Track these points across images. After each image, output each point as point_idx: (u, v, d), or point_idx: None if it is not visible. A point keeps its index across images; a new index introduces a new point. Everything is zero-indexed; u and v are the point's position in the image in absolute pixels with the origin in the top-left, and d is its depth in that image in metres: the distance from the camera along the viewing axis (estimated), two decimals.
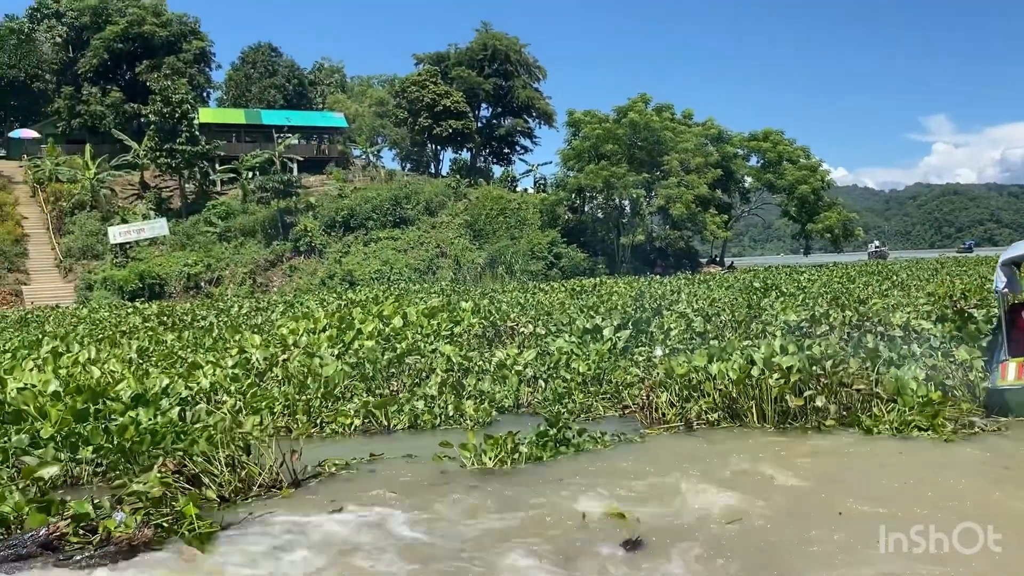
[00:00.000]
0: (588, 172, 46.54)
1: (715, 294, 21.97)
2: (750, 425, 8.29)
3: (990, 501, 5.77)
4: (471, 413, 7.73)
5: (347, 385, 8.74)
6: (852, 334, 11.69)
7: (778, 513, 5.61)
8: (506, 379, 8.96)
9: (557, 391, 8.71)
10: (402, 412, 7.93)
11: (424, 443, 7.36)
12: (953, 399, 8.39)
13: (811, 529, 5.26)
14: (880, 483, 6.27)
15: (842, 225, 51.55)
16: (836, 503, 5.74)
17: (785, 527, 5.35)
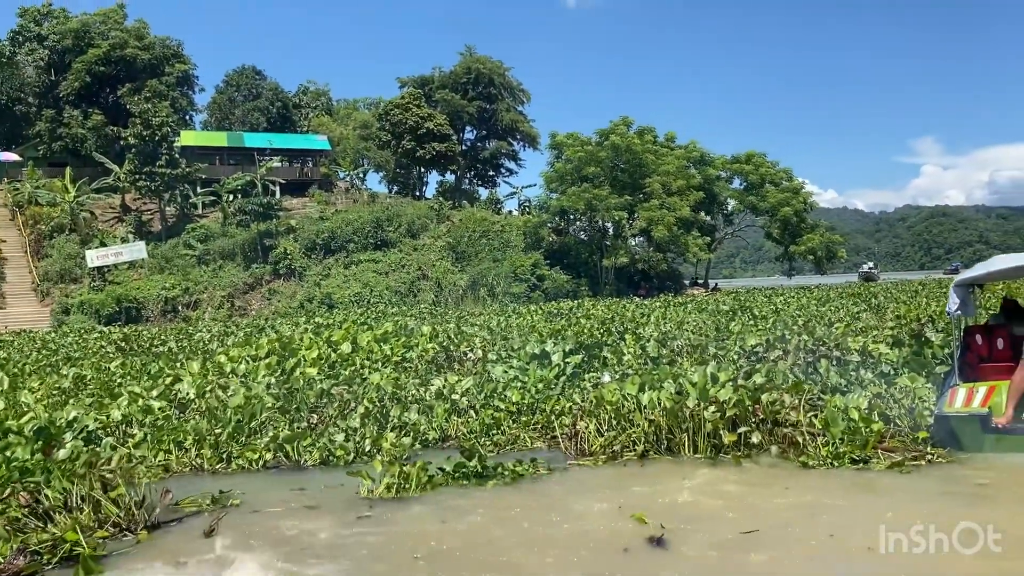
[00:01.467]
0: (570, 194, 46.43)
1: (689, 317, 21.70)
2: (682, 457, 7.96)
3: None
4: (387, 447, 7.38)
5: (267, 417, 8.39)
6: (807, 359, 11.41)
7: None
8: (433, 409, 8.62)
9: (485, 422, 8.37)
10: (315, 446, 7.58)
11: (332, 478, 7.04)
12: (895, 429, 8.08)
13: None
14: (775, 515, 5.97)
15: (825, 247, 51.47)
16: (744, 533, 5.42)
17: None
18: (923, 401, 8.36)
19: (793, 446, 7.87)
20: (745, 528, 5.69)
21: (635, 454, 7.96)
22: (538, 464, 7.42)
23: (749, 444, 7.99)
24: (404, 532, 5.85)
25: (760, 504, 6.44)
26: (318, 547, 5.55)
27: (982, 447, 7.47)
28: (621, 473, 7.62)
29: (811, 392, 9.08)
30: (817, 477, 7.12)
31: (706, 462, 7.83)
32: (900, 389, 8.76)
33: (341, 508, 6.42)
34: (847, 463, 7.32)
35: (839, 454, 7.40)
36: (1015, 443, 7.38)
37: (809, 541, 5.42)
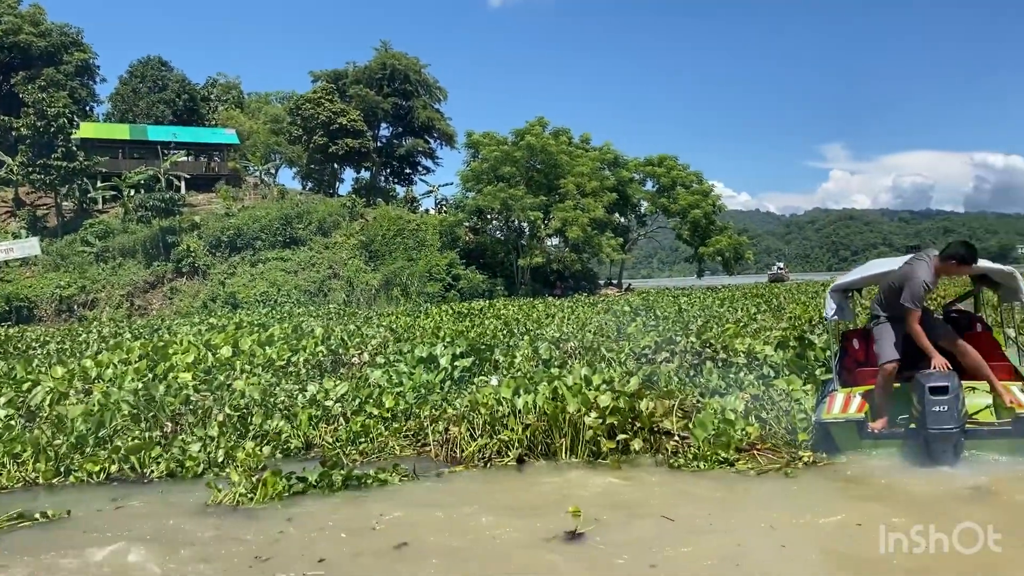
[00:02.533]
0: (486, 194, 46.23)
1: (595, 317, 21.69)
2: (560, 461, 7.76)
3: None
4: (242, 457, 6.92)
5: (118, 426, 7.82)
6: (693, 361, 11.39)
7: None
8: (297, 417, 8.19)
9: (352, 429, 7.99)
10: (164, 457, 7.07)
11: (181, 491, 6.58)
12: (771, 431, 8.06)
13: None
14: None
15: (733, 249, 52.63)
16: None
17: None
18: (799, 404, 8.34)
19: (673, 452, 7.76)
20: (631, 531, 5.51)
21: (510, 460, 7.71)
22: (400, 471, 7.11)
23: (628, 450, 7.85)
24: (240, 541, 5.46)
25: (643, 504, 6.28)
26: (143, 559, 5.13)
27: (859, 452, 7.48)
28: (493, 478, 7.36)
29: (690, 396, 9.05)
30: (686, 480, 7.00)
31: (585, 466, 7.65)
32: (778, 391, 8.74)
33: (177, 518, 5.99)
34: (713, 465, 7.24)
35: (705, 456, 7.31)
36: (890, 448, 7.41)
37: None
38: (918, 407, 6.95)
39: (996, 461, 6.97)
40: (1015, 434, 6.96)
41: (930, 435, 6.74)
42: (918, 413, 6.95)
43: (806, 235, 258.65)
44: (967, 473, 6.79)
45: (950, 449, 6.80)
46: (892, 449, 7.37)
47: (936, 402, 6.75)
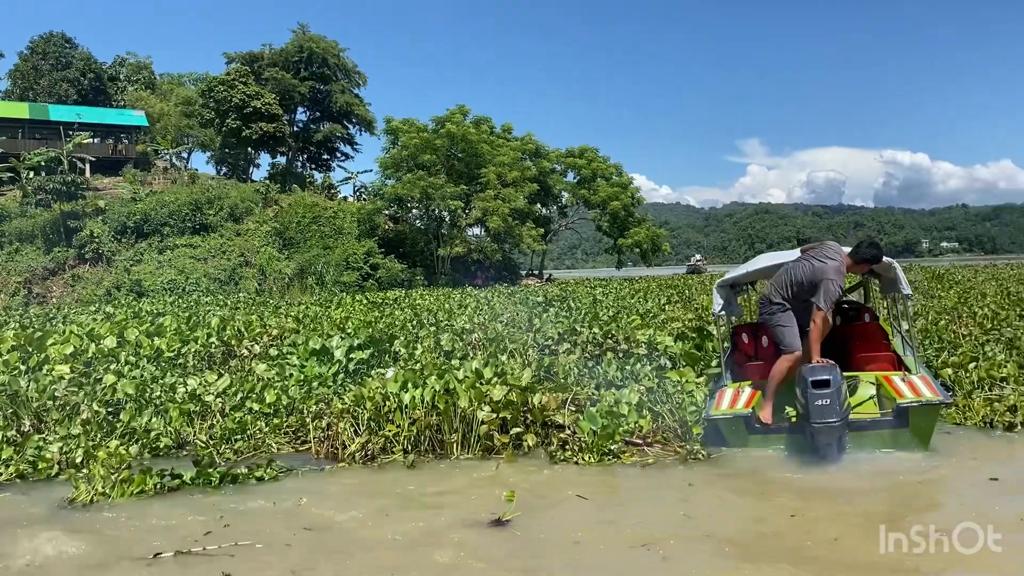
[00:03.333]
0: (405, 182, 45.63)
1: (509, 307, 21.52)
2: (452, 458, 7.54)
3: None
4: (103, 456, 6.46)
5: None
6: (595, 352, 11.31)
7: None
8: (168, 412, 7.73)
9: (228, 426, 7.59)
10: (16, 458, 6.56)
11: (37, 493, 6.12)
12: (662, 424, 8.00)
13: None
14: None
15: (651, 240, 53.31)
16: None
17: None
18: (691, 396, 8.31)
19: (560, 445, 7.63)
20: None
21: (396, 456, 7.45)
22: (276, 467, 6.79)
23: (521, 445, 7.69)
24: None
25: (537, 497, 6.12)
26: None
27: (746, 447, 7.48)
28: (380, 475, 7.08)
29: (586, 388, 8.93)
30: (572, 472, 6.88)
31: (476, 462, 7.45)
32: (673, 384, 8.69)
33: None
34: (600, 459, 7.14)
35: (592, 450, 7.21)
36: (777, 441, 7.43)
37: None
38: (801, 401, 6.96)
39: (878, 452, 7.05)
40: (896, 424, 7.05)
41: (814, 429, 6.75)
42: (802, 407, 6.97)
43: (724, 228, 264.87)
44: (847, 464, 6.85)
45: (834, 443, 6.83)
46: (779, 443, 7.40)
47: (819, 396, 6.76)
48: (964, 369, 9.57)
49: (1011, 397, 8.31)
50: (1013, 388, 8.85)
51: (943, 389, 7.36)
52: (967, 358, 10.00)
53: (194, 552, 4.98)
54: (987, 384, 9.21)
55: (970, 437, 7.81)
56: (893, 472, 6.70)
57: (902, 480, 6.52)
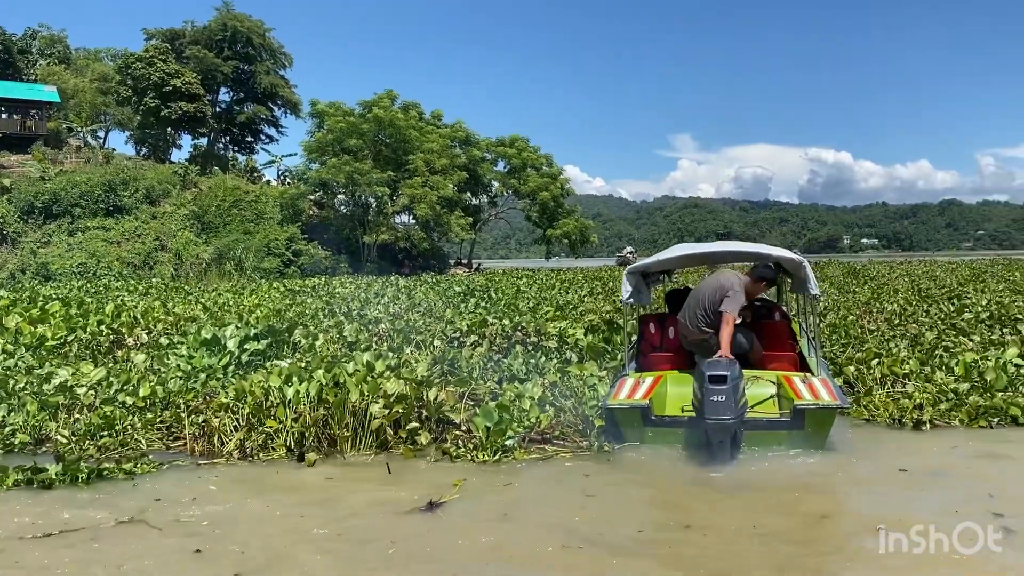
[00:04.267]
0: (330, 166, 44.61)
1: (428, 297, 21.06)
2: (346, 455, 7.12)
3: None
4: None
5: None
6: (504, 345, 11.00)
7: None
8: (26, 406, 7.11)
9: (94, 421, 7.01)
10: None
11: None
12: (563, 419, 7.71)
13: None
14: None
15: (579, 231, 53.37)
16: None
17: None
18: (592, 390, 8.04)
19: (452, 442, 7.28)
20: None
21: (278, 453, 6.99)
22: (150, 462, 6.28)
23: (415, 441, 7.31)
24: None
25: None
26: None
27: (643, 440, 7.24)
28: (257, 474, 6.62)
29: (490, 382, 8.61)
30: (460, 470, 6.53)
31: (363, 460, 7.04)
32: (576, 378, 8.42)
33: None
34: (491, 456, 6.82)
35: (484, 446, 6.89)
36: (673, 436, 7.20)
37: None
38: (698, 395, 6.75)
39: (773, 454, 6.88)
40: (792, 426, 6.90)
41: (707, 425, 6.55)
42: (698, 402, 6.76)
43: (655, 221, 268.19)
44: (743, 463, 6.66)
45: (727, 441, 6.63)
46: (676, 438, 7.18)
47: (714, 391, 6.56)
48: (867, 365, 9.56)
49: (916, 395, 8.27)
50: (915, 384, 8.86)
51: (841, 393, 7.25)
52: (871, 354, 10.00)
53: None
54: (889, 380, 9.22)
55: (878, 433, 7.75)
56: (796, 469, 6.56)
57: (807, 476, 6.38)
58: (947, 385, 8.61)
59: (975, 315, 13.53)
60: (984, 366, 9.02)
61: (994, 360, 9.28)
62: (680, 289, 9.80)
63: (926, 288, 22.79)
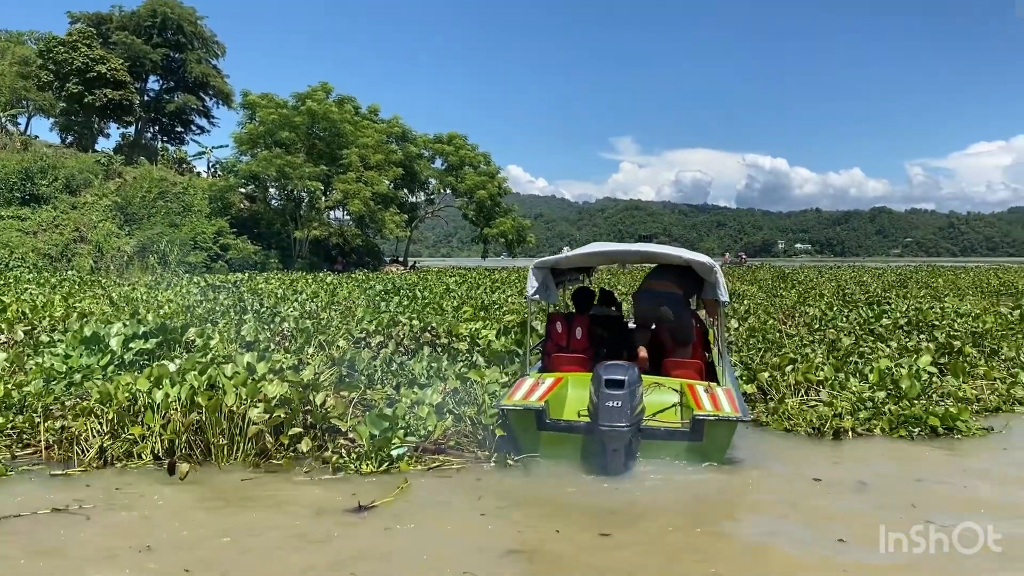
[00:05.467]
0: (261, 159, 43.43)
1: (352, 296, 20.42)
2: (219, 462, 6.57)
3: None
4: None
5: None
6: (411, 346, 10.51)
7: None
8: None
9: None
10: None
11: None
12: (459, 429, 7.26)
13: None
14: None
15: (516, 231, 53.03)
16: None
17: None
18: (493, 397, 7.61)
19: (335, 452, 6.76)
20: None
21: (145, 462, 6.40)
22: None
23: (296, 449, 6.78)
24: None
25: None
26: None
27: (537, 447, 6.79)
28: (104, 481, 6.01)
29: (387, 387, 8.12)
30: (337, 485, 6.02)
31: (240, 469, 6.50)
32: (477, 383, 7.97)
33: None
34: (376, 467, 6.35)
35: (369, 456, 6.41)
36: (571, 444, 6.76)
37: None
38: (594, 400, 6.38)
39: (671, 464, 6.54)
40: (691, 437, 6.56)
41: (601, 432, 6.17)
42: (593, 407, 6.39)
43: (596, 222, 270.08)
44: (641, 475, 6.29)
45: (622, 449, 6.26)
46: (573, 445, 6.77)
47: (610, 396, 6.19)
48: (781, 372, 9.34)
49: (837, 404, 8.03)
50: (828, 392, 8.65)
51: (744, 405, 6.94)
52: (786, 360, 9.79)
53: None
54: (803, 388, 9.00)
55: (796, 443, 7.50)
56: (698, 480, 6.22)
57: (710, 488, 6.04)
58: (862, 393, 8.42)
59: (893, 321, 13.53)
60: (898, 373, 8.88)
61: (907, 368, 9.15)
62: (588, 289, 9.44)
63: (851, 293, 23.02)
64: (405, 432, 7.03)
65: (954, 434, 7.50)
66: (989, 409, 8.54)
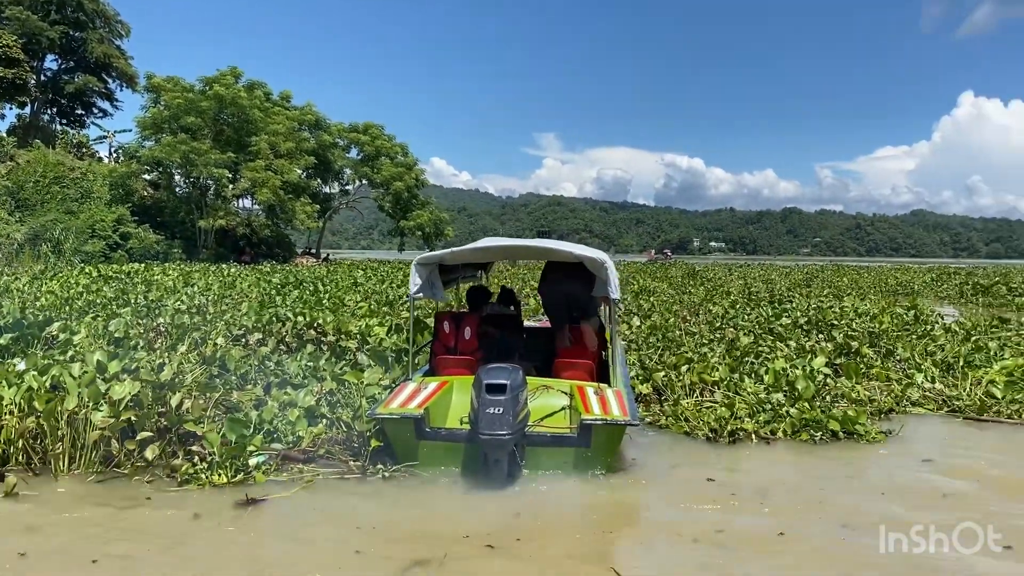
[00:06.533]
0: (165, 144, 41.63)
1: (251, 289, 19.52)
2: (58, 473, 5.89)
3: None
4: None
5: None
6: (291, 344, 9.88)
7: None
8: None
9: None
10: None
11: None
12: (335, 435, 6.73)
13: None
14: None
15: (433, 224, 52.30)
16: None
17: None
18: (371, 401, 7.10)
19: (186, 458, 6.16)
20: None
21: None
22: None
23: (144, 456, 6.14)
24: None
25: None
26: None
27: (416, 457, 6.30)
28: None
29: (257, 387, 7.51)
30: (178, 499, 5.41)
31: (80, 481, 5.84)
32: (354, 386, 7.44)
33: None
34: (229, 478, 5.79)
35: (221, 465, 5.83)
36: (453, 453, 6.29)
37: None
38: (474, 406, 5.94)
39: (555, 475, 6.15)
40: (578, 443, 6.17)
41: (481, 441, 5.74)
42: (474, 413, 5.95)
43: (519, 217, 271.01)
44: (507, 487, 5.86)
45: (504, 459, 5.84)
46: (454, 455, 6.32)
47: (491, 402, 5.75)
48: (677, 371, 9.10)
49: (738, 406, 7.78)
50: (723, 393, 8.43)
51: (634, 408, 6.58)
52: (682, 360, 9.57)
53: None
54: (698, 388, 8.77)
55: (693, 448, 7.20)
56: (586, 487, 5.83)
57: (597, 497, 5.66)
58: (758, 394, 8.22)
59: (793, 320, 13.53)
60: (793, 375, 8.72)
61: (802, 368, 9.02)
62: (482, 287, 9.00)
63: (757, 291, 23.27)
64: (271, 439, 6.48)
65: (855, 438, 7.35)
66: (883, 411, 8.46)
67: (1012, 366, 9.74)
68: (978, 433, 7.88)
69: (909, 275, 37.07)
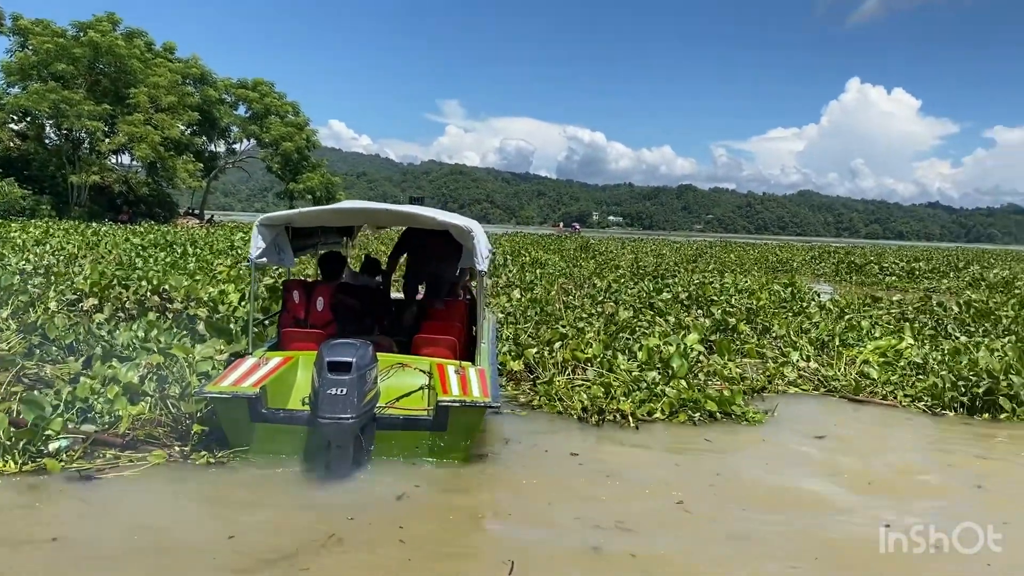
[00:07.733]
0: (32, 92, 38.60)
1: (113, 250, 18.14)
2: None
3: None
4: None
5: None
6: (133, 311, 8.99)
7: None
8: None
9: None
10: None
11: None
12: (159, 415, 6.00)
13: None
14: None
15: (324, 187, 50.63)
16: None
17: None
18: (203, 378, 6.39)
19: None
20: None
21: None
22: None
23: None
24: None
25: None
26: None
27: (253, 442, 5.64)
28: None
29: (76, 361, 6.69)
30: None
31: None
32: (183, 360, 6.69)
33: None
34: (19, 463, 5.04)
35: (11, 450, 5.08)
36: (293, 437, 5.65)
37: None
38: (315, 385, 5.33)
39: (407, 463, 5.63)
40: (434, 426, 5.66)
41: (321, 425, 5.15)
42: (314, 394, 5.34)
43: (420, 184, 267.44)
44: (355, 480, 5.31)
45: (348, 446, 5.27)
46: (295, 440, 5.71)
47: (333, 382, 5.14)
48: (550, 348, 8.72)
49: (613, 385, 7.42)
50: (596, 371, 8.09)
51: (496, 388, 6.10)
52: (556, 335, 9.19)
53: None
54: (571, 366, 8.41)
55: (563, 428, 6.81)
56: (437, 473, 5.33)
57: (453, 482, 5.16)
58: (631, 372, 7.91)
59: (674, 295, 13.41)
60: (667, 352, 8.46)
61: (676, 345, 8.77)
62: (337, 254, 8.32)
63: (645, 265, 23.33)
64: (83, 420, 5.71)
65: (734, 418, 7.12)
66: (755, 389, 8.31)
67: (885, 346, 9.83)
68: (853, 413, 7.82)
69: (791, 253, 38.21)
